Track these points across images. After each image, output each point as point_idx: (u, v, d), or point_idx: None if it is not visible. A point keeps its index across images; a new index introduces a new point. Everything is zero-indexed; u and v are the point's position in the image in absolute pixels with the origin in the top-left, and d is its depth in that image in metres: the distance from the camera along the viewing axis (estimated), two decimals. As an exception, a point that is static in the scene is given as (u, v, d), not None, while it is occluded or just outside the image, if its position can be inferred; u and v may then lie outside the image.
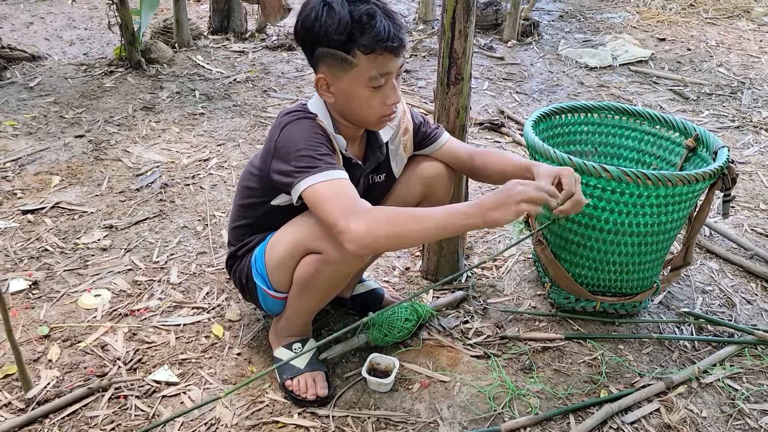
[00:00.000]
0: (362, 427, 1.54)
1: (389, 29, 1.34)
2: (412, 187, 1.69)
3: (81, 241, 2.25)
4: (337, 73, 1.39)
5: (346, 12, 1.33)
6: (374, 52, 1.34)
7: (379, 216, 1.29)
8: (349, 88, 1.40)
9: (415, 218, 1.28)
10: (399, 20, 1.39)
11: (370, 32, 1.33)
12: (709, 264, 2.24)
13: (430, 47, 4.61)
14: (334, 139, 1.48)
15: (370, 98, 1.41)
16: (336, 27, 1.33)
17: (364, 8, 1.34)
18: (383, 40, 1.34)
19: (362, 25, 1.33)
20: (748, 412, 1.62)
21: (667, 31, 5.17)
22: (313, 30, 1.36)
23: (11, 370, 1.65)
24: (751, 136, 3.30)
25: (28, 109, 3.34)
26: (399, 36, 1.36)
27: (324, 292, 1.54)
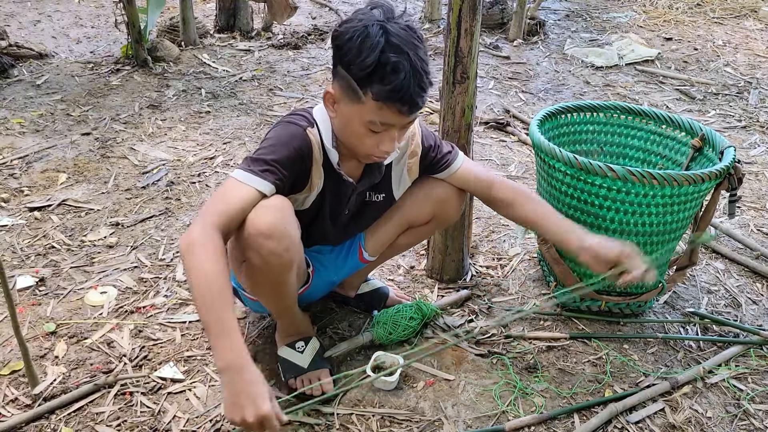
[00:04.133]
0: (367, 424, 1.54)
1: (408, 90, 1.28)
2: (421, 207, 1.67)
3: (87, 238, 2.26)
4: (344, 98, 1.36)
5: (377, 53, 1.27)
6: (384, 103, 1.30)
7: (204, 249, 1.22)
8: (350, 117, 1.37)
9: (209, 293, 1.20)
10: (426, 83, 1.32)
11: (387, 85, 1.28)
12: (714, 264, 2.23)
13: (435, 46, 4.60)
14: (322, 152, 1.45)
15: (364, 136, 1.38)
16: (360, 61, 1.28)
17: (394, 58, 1.27)
18: (396, 98, 1.29)
19: (384, 73, 1.27)
20: (753, 412, 1.61)
21: (673, 30, 5.15)
22: (342, 49, 1.32)
23: (18, 366, 1.67)
24: (757, 136, 3.28)
25: (35, 107, 3.35)
26: (415, 100, 1.31)
27: (272, 292, 1.50)
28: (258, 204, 1.35)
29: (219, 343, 1.18)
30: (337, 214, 1.59)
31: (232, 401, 1.16)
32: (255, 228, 1.33)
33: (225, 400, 1.18)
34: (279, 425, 1.17)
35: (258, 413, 1.14)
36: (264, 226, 1.34)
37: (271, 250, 1.36)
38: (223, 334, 1.18)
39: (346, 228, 1.67)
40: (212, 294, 1.20)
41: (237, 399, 1.16)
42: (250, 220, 1.34)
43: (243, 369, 1.17)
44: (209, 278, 1.21)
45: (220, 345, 1.18)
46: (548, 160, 1.80)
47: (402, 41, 1.28)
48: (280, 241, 1.36)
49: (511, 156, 3.04)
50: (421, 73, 1.30)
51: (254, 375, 1.18)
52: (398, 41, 1.28)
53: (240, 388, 1.16)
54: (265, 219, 1.34)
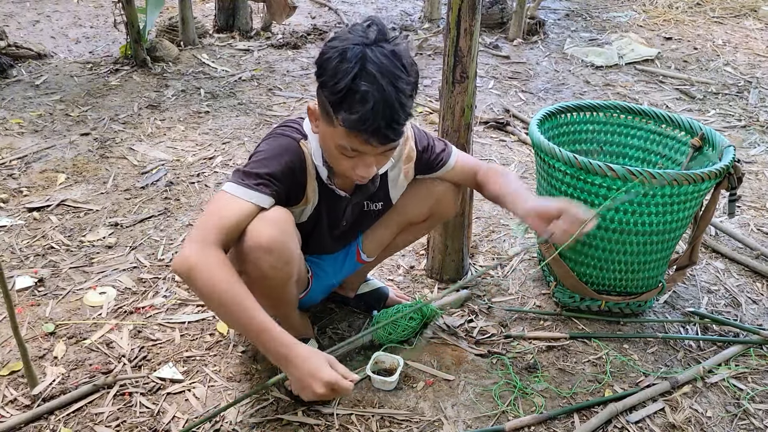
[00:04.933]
0: (366, 425, 1.54)
1: (375, 122, 1.22)
2: (418, 206, 1.66)
3: (86, 238, 2.26)
4: (321, 116, 1.32)
5: (348, 79, 1.21)
6: (350, 131, 1.25)
7: (208, 268, 1.24)
8: (326, 137, 1.34)
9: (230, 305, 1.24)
10: (400, 116, 1.25)
11: (353, 114, 1.22)
12: (714, 263, 2.23)
13: (435, 45, 4.60)
14: (313, 167, 1.43)
15: (339, 158, 1.34)
16: (332, 84, 1.23)
17: (364, 87, 1.21)
18: (362, 129, 1.23)
19: (352, 101, 1.22)
20: (753, 411, 1.61)
21: (673, 30, 5.15)
22: (321, 68, 1.28)
23: (17, 366, 1.66)
24: (757, 136, 3.28)
25: (34, 107, 3.35)
26: (383, 132, 1.24)
27: (271, 302, 1.45)
28: (258, 216, 1.33)
29: (260, 342, 1.25)
30: (334, 226, 1.59)
31: (299, 385, 1.25)
32: (255, 242, 1.32)
33: (294, 386, 1.28)
34: (350, 384, 1.24)
35: (324, 385, 1.21)
36: (264, 240, 1.32)
37: (271, 264, 1.35)
38: (260, 333, 1.24)
39: (345, 237, 1.66)
40: (232, 305, 1.24)
41: (301, 381, 1.24)
42: (249, 233, 1.32)
43: (290, 353, 1.23)
44: (222, 293, 1.24)
45: (262, 343, 1.25)
46: (548, 160, 1.80)
47: (379, 69, 1.22)
48: (280, 255, 1.35)
49: (511, 156, 3.03)
50: (393, 105, 1.23)
51: (303, 352, 1.24)
52: (375, 69, 1.21)
53: (298, 371, 1.23)
54: (266, 233, 1.32)
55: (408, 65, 1.27)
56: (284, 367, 1.26)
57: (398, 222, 1.70)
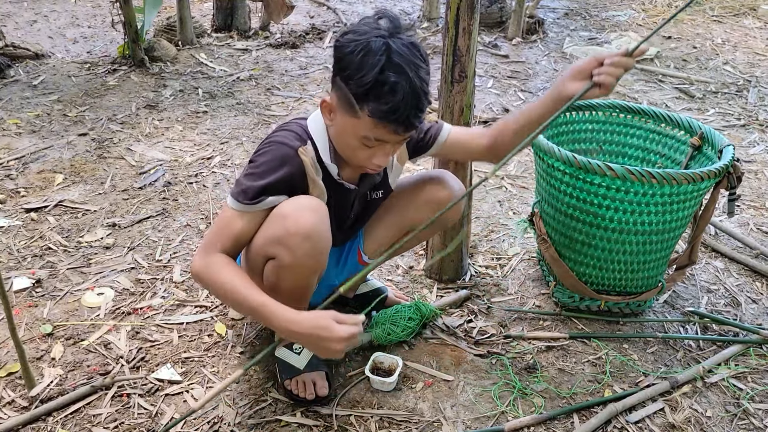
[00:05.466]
0: (365, 426, 1.53)
1: (405, 111, 1.26)
2: (421, 211, 1.64)
3: (84, 239, 2.25)
4: (341, 109, 1.34)
5: (376, 71, 1.24)
6: (379, 121, 1.28)
7: (213, 272, 1.35)
8: (345, 129, 1.36)
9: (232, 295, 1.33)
10: (424, 103, 1.30)
11: (384, 105, 1.25)
12: (714, 263, 2.22)
13: (434, 45, 4.59)
14: (316, 171, 1.43)
15: (357, 149, 1.37)
16: (359, 77, 1.26)
17: (393, 78, 1.24)
18: (392, 119, 1.27)
19: (382, 92, 1.25)
20: (753, 411, 1.61)
21: (672, 29, 5.14)
22: (342, 61, 1.29)
23: (15, 368, 1.66)
24: (757, 135, 3.28)
25: (32, 108, 3.34)
26: (411, 120, 1.29)
27: (293, 293, 1.48)
28: (298, 202, 1.37)
29: (270, 322, 1.31)
30: (343, 219, 1.60)
31: (317, 350, 1.29)
32: (297, 227, 1.34)
33: (314, 352, 1.35)
34: (360, 329, 1.27)
35: (339, 342, 1.24)
36: (306, 226, 1.34)
37: (306, 252, 1.36)
38: (267, 315, 1.30)
39: (352, 229, 1.67)
40: (240, 294, 1.31)
41: (316, 346, 1.27)
42: (292, 218, 1.35)
43: (294, 326, 1.27)
44: (227, 286, 1.32)
45: (271, 323, 1.30)
46: (547, 159, 1.79)
47: (404, 60, 1.26)
48: (317, 243, 1.37)
49: (510, 155, 3.02)
50: (419, 93, 1.27)
51: (304, 319, 1.27)
52: (400, 60, 1.25)
53: (308, 338, 1.27)
54: (308, 219, 1.35)
55: (425, 55, 1.32)
56: (296, 339, 1.31)
57: (400, 225, 1.69)
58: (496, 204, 2.58)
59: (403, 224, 1.68)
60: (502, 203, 2.59)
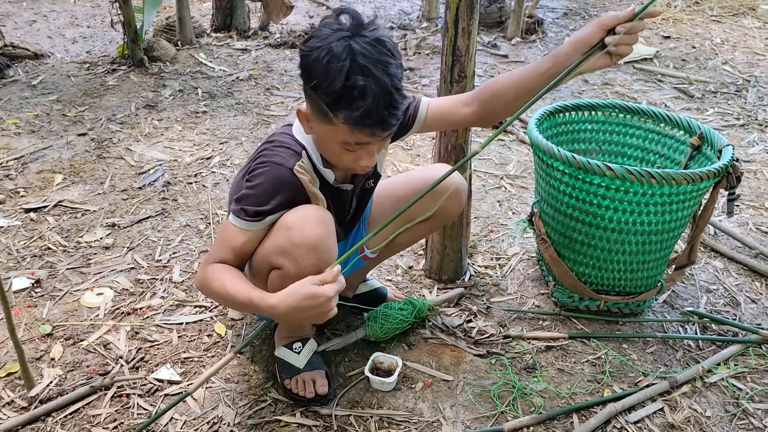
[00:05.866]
0: (365, 426, 1.53)
1: (378, 113, 1.22)
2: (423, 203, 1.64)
3: (83, 239, 2.25)
4: (316, 118, 1.31)
5: (342, 77, 1.20)
6: (354, 127, 1.25)
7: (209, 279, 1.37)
8: (324, 136, 1.34)
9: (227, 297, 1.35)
10: (398, 100, 1.25)
11: (356, 111, 1.21)
12: (713, 263, 2.22)
13: (433, 45, 4.59)
14: (314, 183, 1.42)
15: (341, 154, 1.34)
16: (326, 85, 1.22)
17: (361, 82, 1.20)
18: (367, 123, 1.23)
19: (351, 98, 1.21)
20: (752, 411, 1.61)
21: (672, 28, 5.14)
22: (308, 70, 1.26)
23: (14, 368, 1.65)
24: (756, 135, 3.28)
25: (31, 108, 3.34)
26: (387, 120, 1.25)
27: None
28: (305, 212, 1.37)
29: (261, 313, 1.35)
30: (343, 217, 1.60)
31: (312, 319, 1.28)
32: (302, 238, 1.34)
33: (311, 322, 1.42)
34: (338, 280, 1.26)
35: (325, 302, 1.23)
36: (312, 238, 1.34)
37: (311, 263, 1.36)
38: (256, 309, 1.34)
39: (353, 221, 1.68)
40: (230, 294, 1.34)
41: (309, 315, 1.25)
42: (297, 229, 1.35)
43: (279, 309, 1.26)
44: (221, 290, 1.35)
45: (263, 313, 1.34)
46: (547, 159, 1.79)
47: (370, 60, 1.21)
48: (323, 254, 1.37)
49: (510, 155, 3.03)
50: (390, 92, 1.23)
51: (286, 297, 1.25)
52: (365, 61, 1.20)
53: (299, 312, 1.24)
54: (315, 231, 1.35)
55: (392, 48, 1.26)
56: (283, 319, 1.34)
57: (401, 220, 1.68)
58: (496, 204, 2.58)
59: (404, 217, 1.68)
60: (501, 203, 2.59)
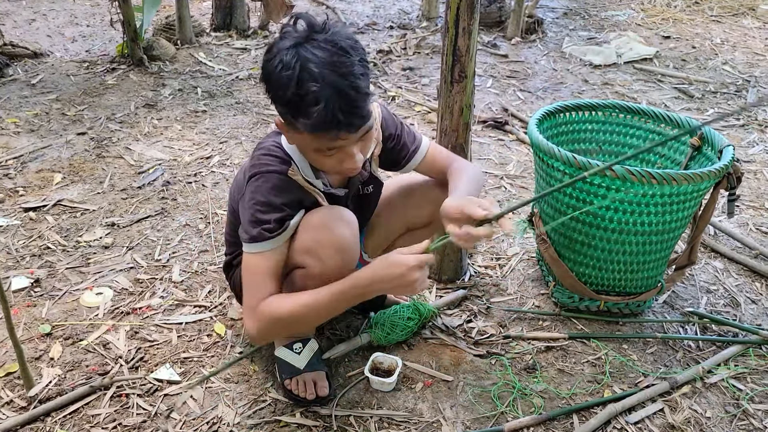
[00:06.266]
0: (364, 426, 1.53)
1: (335, 116, 1.18)
2: (420, 210, 1.64)
3: (83, 238, 2.24)
4: (286, 128, 1.30)
5: (293, 85, 1.17)
6: (316, 133, 1.22)
7: (269, 318, 1.34)
8: (300, 145, 1.33)
9: (309, 315, 1.35)
10: (357, 99, 1.20)
11: (310, 117, 1.18)
12: (713, 263, 2.22)
13: (433, 44, 4.59)
14: (310, 187, 1.41)
15: (321, 159, 1.32)
16: (280, 93, 1.20)
17: (312, 88, 1.16)
18: (326, 127, 1.20)
19: (305, 105, 1.18)
20: (752, 412, 1.61)
21: (671, 28, 5.14)
22: (265, 81, 1.24)
23: (13, 368, 1.65)
24: (756, 135, 3.28)
25: (30, 107, 3.33)
26: (349, 120, 1.20)
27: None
28: (331, 214, 1.38)
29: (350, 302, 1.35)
30: None
31: (402, 290, 1.30)
32: (331, 239, 1.35)
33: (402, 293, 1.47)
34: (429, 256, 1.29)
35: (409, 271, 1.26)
36: (341, 238, 1.36)
37: (337, 264, 1.37)
38: (342, 295, 1.32)
39: None
40: (308, 318, 1.37)
41: (399, 285, 1.28)
42: (325, 229, 1.35)
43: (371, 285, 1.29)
44: (297, 313, 1.33)
45: (351, 302, 1.34)
46: (547, 160, 1.79)
47: (319, 64, 1.18)
48: (348, 256, 1.39)
49: (510, 155, 3.03)
50: (346, 91, 1.18)
51: (377, 274, 1.28)
52: (315, 66, 1.17)
53: (391, 285, 1.28)
54: (343, 232, 1.36)
55: (348, 47, 1.22)
56: (379, 291, 1.32)
57: (399, 223, 1.69)
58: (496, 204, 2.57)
59: (401, 222, 1.68)
60: (501, 203, 2.58)
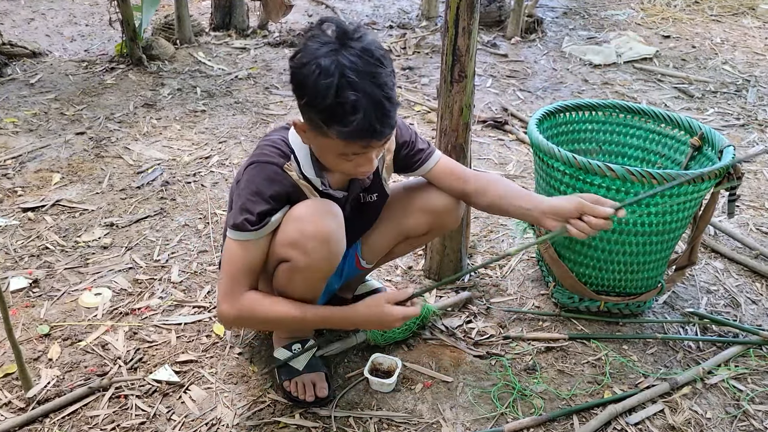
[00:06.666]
0: (364, 427, 1.53)
1: (371, 126, 1.22)
2: (418, 219, 1.63)
3: (82, 239, 2.24)
4: (312, 131, 1.31)
5: (332, 93, 1.19)
6: (349, 140, 1.25)
7: (253, 312, 1.39)
8: (321, 148, 1.34)
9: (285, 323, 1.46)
10: (390, 109, 1.24)
11: (347, 125, 1.21)
12: (714, 263, 2.22)
13: (433, 44, 4.58)
14: (304, 185, 1.41)
15: (340, 162, 1.35)
16: (318, 102, 1.22)
17: (352, 97, 1.19)
18: (358, 136, 1.24)
19: (343, 114, 1.21)
20: (753, 413, 1.60)
21: (671, 28, 5.14)
22: (300, 87, 1.26)
23: (11, 369, 1.65)
24: (756, 135, 3.27)
25: (29, 106, 3.33)
26: (381, 130, 1.24)
27: (303, 296, 1.47)
28: (317, 207, 1.38)
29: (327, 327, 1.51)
30: None
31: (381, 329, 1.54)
32: (316, 230, 1.35)
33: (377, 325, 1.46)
34: (417, 309, 1.41)
35: (398, 321, 1.40)
36: (326, 230, 1.35)
37: (323, 256, 1.37)
38: (330, 325, 1.48)
39: (351, 234, 1.65)
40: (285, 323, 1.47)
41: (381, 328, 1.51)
42: (310, 221, 1.35)
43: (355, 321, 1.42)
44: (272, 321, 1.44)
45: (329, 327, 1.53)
46: (547, 160, 1.78)
47: (359, 74, 1.20)
48: (333, 248, 1.38)
49: (509, 155, 3.02)
50: (382, 102, 1.22)
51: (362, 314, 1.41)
52: (354, 75, 1.20)
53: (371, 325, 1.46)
54: (328, 224, 1.36)
55: (381, 56, 1.25)
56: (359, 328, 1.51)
57: (397, 232, 1.67)
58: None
59: (399, 230, 1.67)
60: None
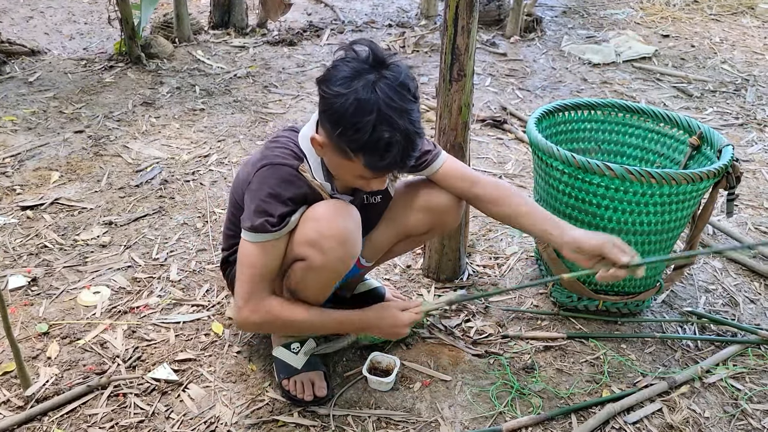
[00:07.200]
0: (362, 426, 1.53)
1: (401, 161, 1.26)
2: (419, 218, 1.63)
3: (80, 237, 2.24)
4: (334, 150, 1.31)
5: (369, 129, 1.21)
6: (375, 171, 1.29)
7: (276, 317, 1.42)
8: (339, 166, 1.35)
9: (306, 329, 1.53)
10: (417, 146, 1.28)
11: (379, 160, 1.25)
12: (712, 263, 2.22)
13: (432, 43, 4.58)
14: (318, 185, 1.42)
15: (356, 180, 1.38)
16: (352, 134, 1.23)
17: (387, 135, 1.22)
18: (387, 169, 1.29)
19: (377, 149, 1.24)
20: (750, 412, 1.61)
21: (670, 27, 5.14)
22: (334, 116, 1.25)
23: (10, 367, 1.65)
24: (755, 134, 3.27)
25: (28, 104, 3.32)
26: (406, 163, 1.29)
27: (314, 296, 1.49)
28: (334, 207, 1.38)
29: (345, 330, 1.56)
30: None
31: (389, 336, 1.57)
32: (333, 230, 1.35)
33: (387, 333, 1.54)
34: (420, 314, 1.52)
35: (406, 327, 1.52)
36: (344, 230, 1.36)
37: (339, 256, 1.38)
38: (341, 326, 1.54)
39: None
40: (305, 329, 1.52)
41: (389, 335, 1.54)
42: (327, 221, 1.36)
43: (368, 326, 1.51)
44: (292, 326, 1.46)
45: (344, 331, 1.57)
46: (546, 159, 1.79)
47: (395, 111, 1.22)
48: (350, 248, 1.39)
49: (508, 154, 3.02)
50: (413, 139, 1.26)
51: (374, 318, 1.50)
52: (391, 112, 1.22)
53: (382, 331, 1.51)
54: (345, 224, 1.37)
55: (415, 90, 1.28)
56: (369, 333, 1.57)
57: (397, 231, 1.67)
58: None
59: (399, 229, 1.67)
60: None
